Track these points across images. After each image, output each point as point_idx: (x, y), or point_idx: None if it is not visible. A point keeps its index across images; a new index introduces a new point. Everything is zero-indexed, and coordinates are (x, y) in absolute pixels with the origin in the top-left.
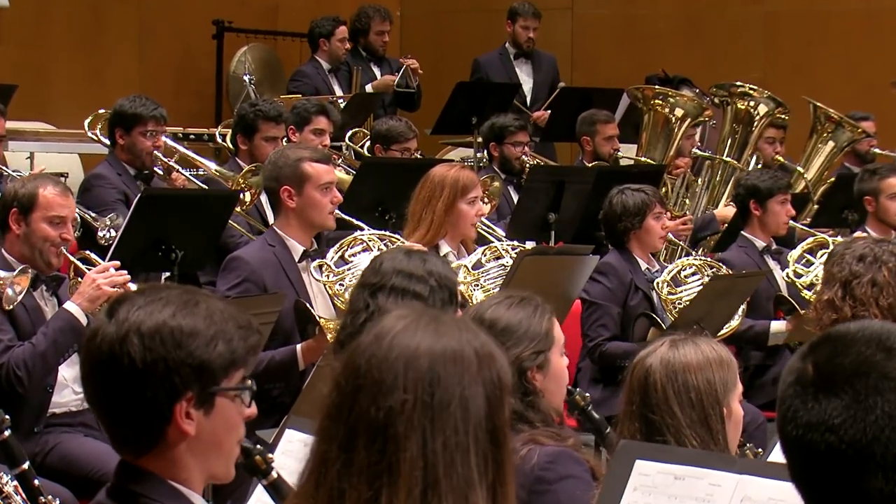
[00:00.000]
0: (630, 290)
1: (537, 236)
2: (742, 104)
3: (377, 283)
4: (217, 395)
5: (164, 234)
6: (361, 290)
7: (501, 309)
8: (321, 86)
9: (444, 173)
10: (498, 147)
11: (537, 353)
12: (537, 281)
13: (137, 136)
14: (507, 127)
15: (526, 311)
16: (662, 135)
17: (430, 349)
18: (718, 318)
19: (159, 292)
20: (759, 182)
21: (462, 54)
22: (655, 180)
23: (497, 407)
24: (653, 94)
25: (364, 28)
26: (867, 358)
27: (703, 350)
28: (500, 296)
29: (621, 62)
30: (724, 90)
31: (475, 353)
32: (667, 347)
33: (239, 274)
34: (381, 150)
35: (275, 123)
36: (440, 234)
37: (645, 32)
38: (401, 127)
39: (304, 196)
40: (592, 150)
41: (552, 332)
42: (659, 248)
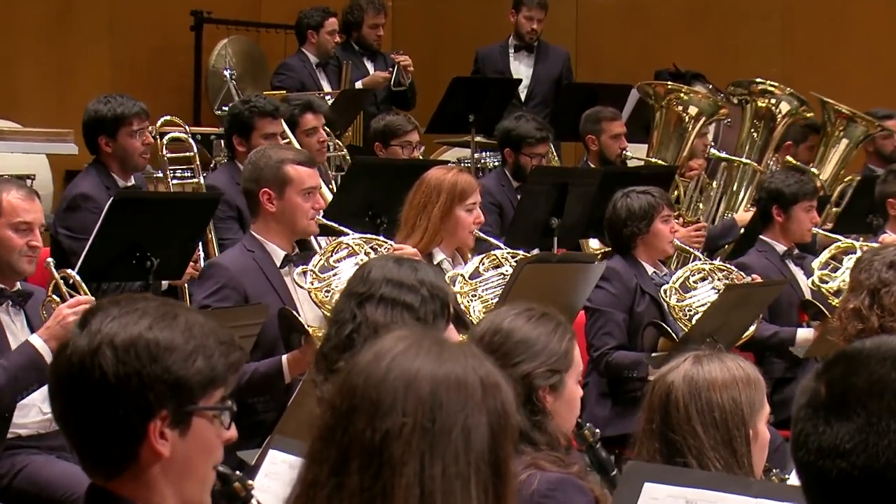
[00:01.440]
0: (636, 296)
1: (539, 243)
2: (763, 102)
3: (365, 293)
4: (194, 415)
5: (138, 241)
6: (348, 299)
7: (520, 321)
8: (308, 80)
9: (441, 177)
10: (513, 154)
11: (552, 372)
12: (539, 291)
13: (125, 138)
14: (528, 138)
15: (546, 328)
16: (675, 134)
17: (432, 373)
18: (734, 330)
19: (135, 303)
20: (783, 186)
21: (461, 47)
22: (666, 183)
23: (501, 438)
24: (665, 91)
25: (357, 21)
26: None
27: (730, 367)
28: (520, 307)
29: (628, 55)
30: (744, 88)
31: (480, 382)
32: (690, 363)
33: (217, 281)
34: (382, 149)
35: (272, 118)
36: (435, 241)
37: (653, 22)
38: (399, 120)
39: (285, 200)
40: (598, 150)
41: (571, 354)
42: (669, 253)
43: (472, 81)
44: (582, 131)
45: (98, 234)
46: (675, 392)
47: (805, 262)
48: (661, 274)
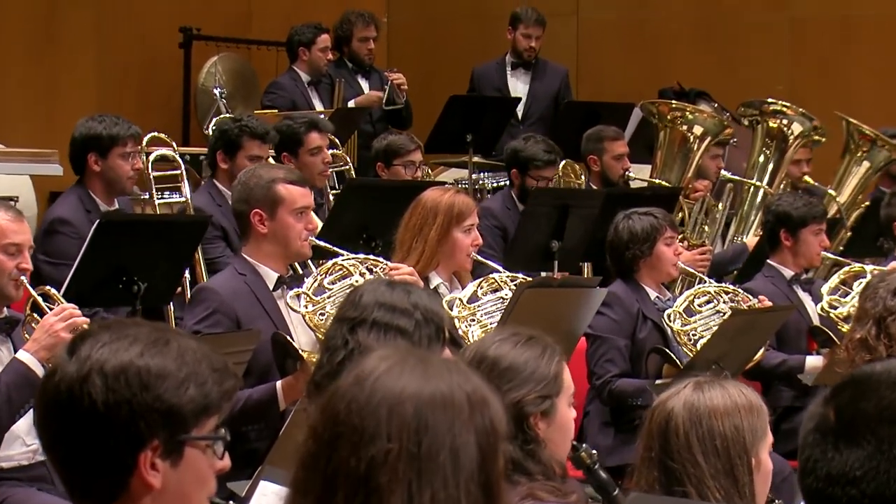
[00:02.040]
0: (638, 321)
1: (539, 266)
2: (774, 123)
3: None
4: (186, 445)
5: (125, 265)
6: (339, 325)
7: (506, 347)
8: (299, 99)
9: (438, 198)
10: (520, 175)
11: (543, 398)
12: (539, 316)
13: (116, 159)
14: (535, 160)
15: (533, 352)
16: (679, 154)
17: (416, 393)
18: (740, 356)
19: (126, 329)
20: (791, 209)
21: (457, 64)
22: (670, 204)
23: (491, 457)
24: (669, 110)
25: (346, 35)
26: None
27: (731, 394)
28: (504, 332)
29: (631, 73)
30: (755, 108)
31: (467, 398)
32: (691, 390)
33: (208, 305)
34: (384, 169)
35: (261, 142)
36: (432, 264)
37: (657, 39)
38: (401, 139)
39: (277, 221)
40: (600, 171)
41: (561, 377)
42: (672, 276)
43: (470, 100)
44: (583, 151)
45: (83, 258)
46: (675, 419)
47: (813, 288)
48: (665, 298)
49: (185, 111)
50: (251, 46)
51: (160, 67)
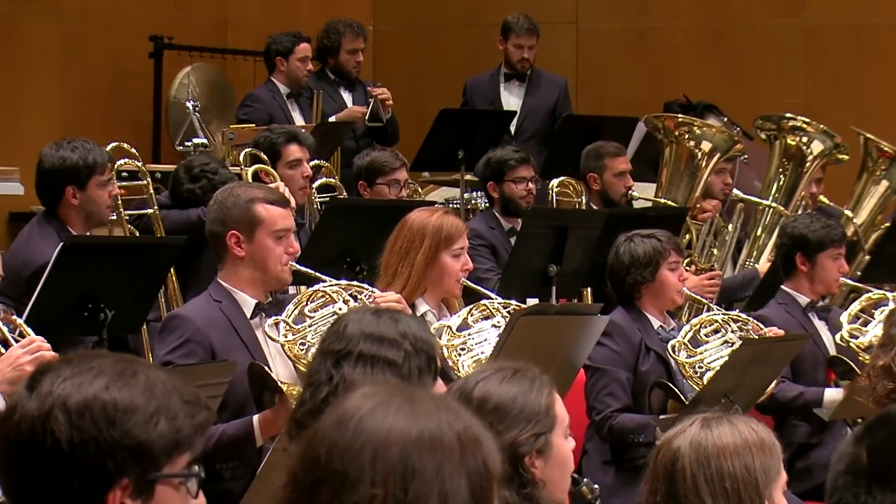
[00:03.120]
0: (640, 353)
1: (535, 292)
2: (793, 140)
3: (342, 350)
4: (158, 483)
5: (90, 291)
6: (323, 358)
7: (492, 384)
8: (277, 113)
9: (425, 220)
10: (497, 186)
11: (536, 436)
12: (535, 346)
13: (95, 189)
14: (507, 161)
15: (521, 386)
16: (686, 172)
17: (403, 434)
18: (751, 389)
19: (90, 361)
20: (808, 231)
21: (447, 76)
22: (676, 226)
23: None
24: (675, 125)
25: (334, 46)
26: None
27: (741, 431)
28: (488, 368)
29: (634, 84)
30: (773, 122)
31: (457, 438)
32: (698, 427)
33: (181, 334)
34: (367, 188)
35: None
36: (419, 290)
37: (662, 49)
38: (385, 156)
39: (255, 243)
40: (601, 190)
41: (553, 409)
42: (677, 303)
43: (462, 114)
44: (582, 169)
45: (45, 284)
46: (681, 459)
47: (830, 316)
48: (669, 328)
49: (156, 126)
50: (227, 56)
51: (128, 79)
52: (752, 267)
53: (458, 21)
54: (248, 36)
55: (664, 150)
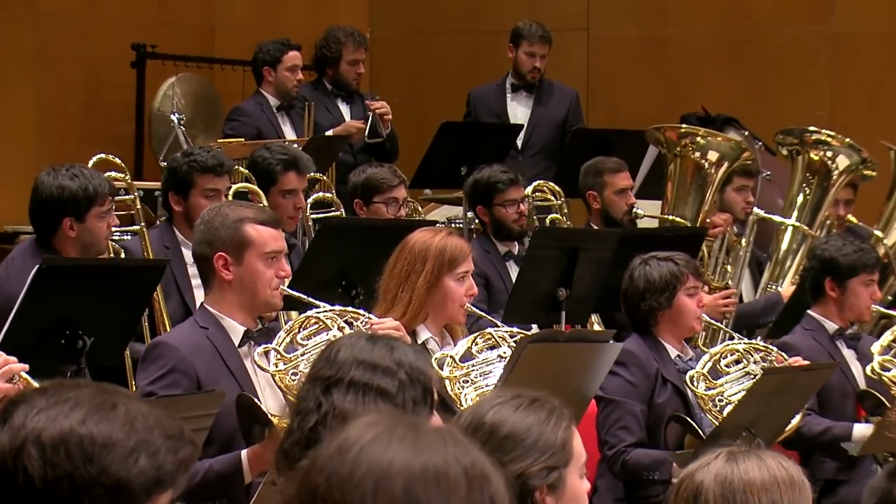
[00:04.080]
0: (657, 384)
1: (543, 319)
2: (816, 155)
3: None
4: None
5: (68, 316)
6: (312, 384)
7: (507, 411)
8: (266, 127)
9: (427, 241)
10: (487, 210)
11: (549, 469)
12: (543, 375)
13: (94, 220)
14: (495, 183)
15: (538, 416)
16: (693, 186)
17: (406, 466)
18: (774, 422)
19: (66, 392)
20: (839, 255)
21: (449, 86)
22: (694, 247)
23: None
24: (678, 136)
25: (334, 56)
26: None
27: (770, 466)
28: (505, 394)
29: (649, 96)
30: (795, 137)
31: (464, 473)
32: (723, 461)
33: (164, 363)
34: (363, 207)
35: (214, 175)
36: (420, 316)
37: (679, 58)
38: (383, 173)
39: (244, 266)
40: (601, 209)
41: (570, 444)
42: (696, 331)
43: (465, 127)
44: (581, 187)
45: (20, 309)
46: (704, 494)
47: (860, 344)
48: (686, 358)
49: (138, 140)
50: (214, 65)
51: (109, 90)
52: (774, 291)
53: (461, 28)
54: (237, 44)
55: (668, 164)
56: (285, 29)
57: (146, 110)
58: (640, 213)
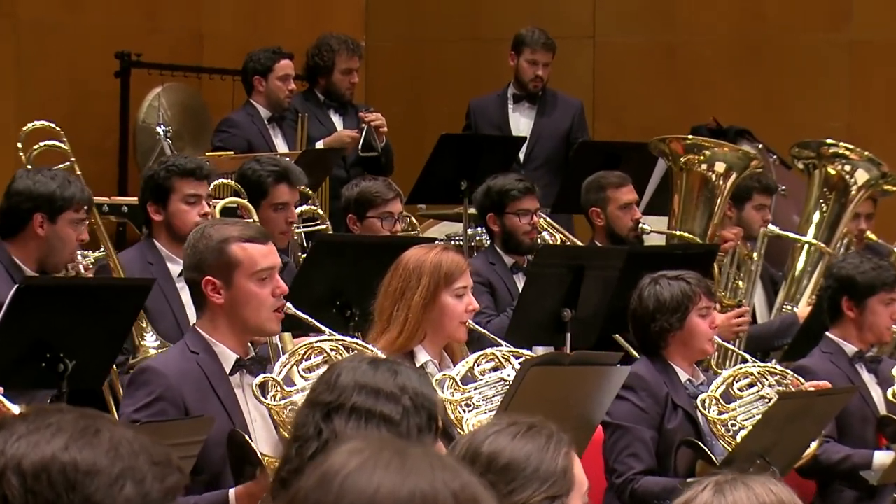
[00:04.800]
0: (666, 409)
1: (548, 340)
2: (833, 169)
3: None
4: None
5: (48, 339)
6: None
7: (504, 439)
8: (256, 139)
9: (422, 257)
10: (498, 218)
11: (551, 499)
12: (548, 400)
13: (65, 226)
14: (509, 191)
15: (536, 443)
16: (701, 199)
17: (393, 493)
18: (790, 449)
19: (47, 417)
20: (857, 273)
21: (448, 97)
22: (706, 265)
23: None
24: (684, 148)
25: (327, 65)
26: None
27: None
28: (501, 422)
29: (658, 107)
30: (811, 150)
31: (453, 498)
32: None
33: (151, 390)
34: (356, 222)
35: (193, 178)
36: (417, 336)
37: (689, 67)
38: (377, 186)
39: (234, 288)
40: (605, 225)
41: (571, 471)
42: (708, 353)
43: (464, 140)
44: (584, 203)
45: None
46: None
47: (881, 368)
48: (698, 382)
49: (122, 153)
50: (202, 75)
51: (91, 101)
52: (790, 311)
53: (460, 36)
54: (226, 52)
55: (674, 177)
56: (277, 37)
57: (131, 122)
58: (647, 228)
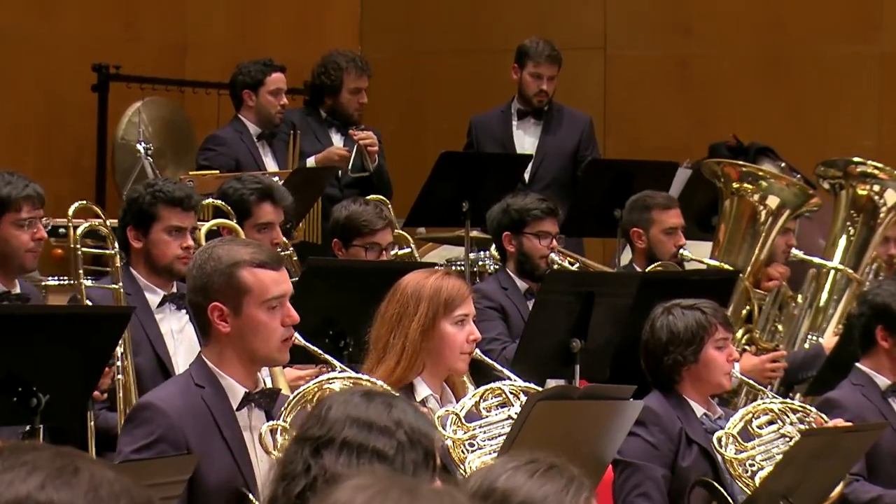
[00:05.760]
0: (681, 446)
1: (556, 372)
2: (862, 190)
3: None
4: None
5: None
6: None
7: (520, 477)
8: (244, 157)
9: (421, 282)
10: (515, 238)
11: None
12: (556, 436)
13: (9, 228)
14: (530, 210)
15: (555, 485)
16: (748, 232)
17: None
18: (816, 489)
19: (23, 454)
20: (892, 301)
21: (449, 112)
22: (725, 293)
23: None
24: (738, 174)
25: (334, 85)
26: None
27: None
28: (519, 458)
29: (674, 123)
30: (837, 169)
31: None
32: None
33: (152, 430)
34: (341, 248)
35: (181, 209)
36: (416, 368)
37: (707, 81)
38: (365, 213)
39: (244, 317)
40: (646, 248)
41: None
42: (725, 388)
43: (466, 158)
44: (625, 223)
45: None
46: None
47: None
48: (714, 417)
49: (100, 172)
50: (185, 89)
51: (67, 116)
52: (815, 342)
53: (461, 46)
54: (211, 64)
55: (723, 203)
56: (266, 48)
57: (109, 139)
58: (688, 255)
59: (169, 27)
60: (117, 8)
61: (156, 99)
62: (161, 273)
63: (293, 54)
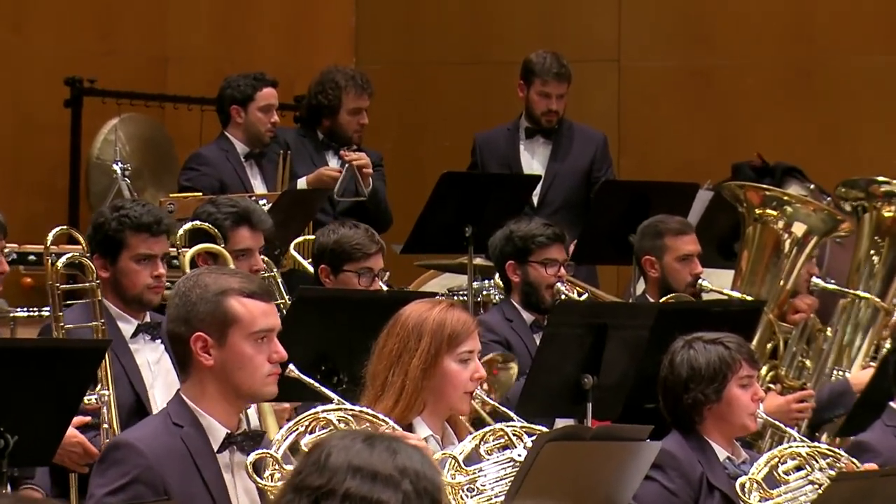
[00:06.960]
0: (701, 492)
1: (566, 410)
2: (888, 211)
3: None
4: None
5: None
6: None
7: None
8: (230, 178)
9: (423, 314)
10: (519, 267)
11: None
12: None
13: None
14: (535, 237)
15: None
16: (772, 260)
17: None
18: None
19: None
20: None
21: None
22: (749, 326)
23: None
24: (761, 199)
25: (332, 105)
26: None
27: None
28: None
29: (693, 141)
30: (860, 189)
31: None
32: None
33: (126, 471)
34: (330, 275)
35: (149, 234)
36: (416, 407)
37: (729, 97)
38: (356, 236)
39: (228, 348)
40: (660, 277)
41: None
42: (750, 430)
43: (469, 179)
44: (637, 250)
45: None
46: None
47: None
48: (738, 461)
49: (73, 194)
50: (166, 104)
51: (38, 133)
52: (841, 378)
53: (464, 58)
54: (195, 77)
55: (746, 229)
56: (253, 59)
57: (83, 158)
58: (707, 285)
59: (148, 38)
60: (92, 17)
61: (134, 115)
62: (131, 304)
63: (283, 66)
